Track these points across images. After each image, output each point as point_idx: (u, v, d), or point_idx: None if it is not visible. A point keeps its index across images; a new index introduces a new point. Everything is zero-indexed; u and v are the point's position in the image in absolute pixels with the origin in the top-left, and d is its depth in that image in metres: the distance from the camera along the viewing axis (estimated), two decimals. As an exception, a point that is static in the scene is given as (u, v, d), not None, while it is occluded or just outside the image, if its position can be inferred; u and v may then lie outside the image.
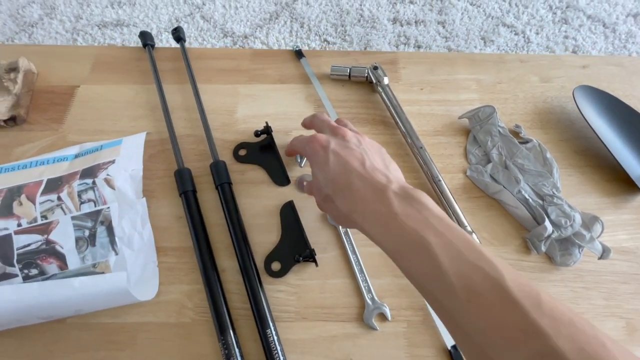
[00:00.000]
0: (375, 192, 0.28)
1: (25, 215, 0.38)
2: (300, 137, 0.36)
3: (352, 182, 0.29)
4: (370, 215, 0.27)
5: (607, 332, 0.35)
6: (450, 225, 0.25)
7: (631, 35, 1.04)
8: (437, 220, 0.25)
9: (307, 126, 0.39)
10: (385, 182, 0.28)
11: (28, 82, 0.48)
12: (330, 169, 0.30)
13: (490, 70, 0.51)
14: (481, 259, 0.23)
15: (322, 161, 0.31)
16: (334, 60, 0.52)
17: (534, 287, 0.21)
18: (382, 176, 0.29)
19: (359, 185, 0.28)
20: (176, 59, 0.52)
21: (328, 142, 0.32)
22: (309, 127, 0.39)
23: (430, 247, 0.24)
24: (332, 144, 0.31)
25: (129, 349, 0.34)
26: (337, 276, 0.38)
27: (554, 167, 0.42)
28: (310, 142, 0.33)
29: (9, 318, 0.32)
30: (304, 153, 0.34)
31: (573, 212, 0.39)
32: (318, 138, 0.32)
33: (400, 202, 0.26)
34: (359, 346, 0.35)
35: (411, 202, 0.26)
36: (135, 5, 1.07)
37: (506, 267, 0.22)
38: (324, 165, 0.31)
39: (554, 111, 0.48)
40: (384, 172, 0.29)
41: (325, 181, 0.31)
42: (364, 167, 0.29)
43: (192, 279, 0.37)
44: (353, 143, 0.32)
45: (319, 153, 0.32)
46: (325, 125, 0.35)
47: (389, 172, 0.30)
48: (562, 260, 0.38)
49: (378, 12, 1.07)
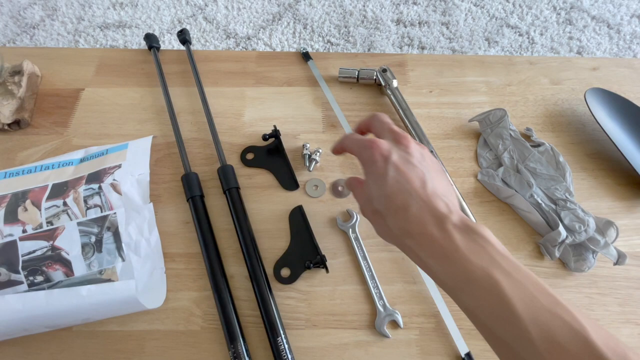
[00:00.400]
0: (434, 219, 0.25)
1: (31, 221, 0.37)
2: (355, 137, 0.31)
3: (410, 204, 0.26)
4: (427, 244, 0.25)
5: (622, 339, 0.35)
6: (517, 265, 0.23)
7: (636, 36, 1.03)
8: (503, 258, 0.23)
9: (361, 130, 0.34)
10: (446, 211, 0.26)
11: (32, 85, 0.47)
12: (387, 184, 0.27)
13: (499, 72, 0.51)
14: (557, 306, 0.21)
15: (380, 173, 0.28)
16: (340, 63, 0.51)
17: (620, 344, 0.20)
18: (443, 203, 0.26)
19: (417, 209, 0.26)
20: (181, 62, 0.51)
21: (390, 153, 0.28)
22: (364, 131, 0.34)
23: (500, 287, 0.22)
24: (393, 155, 0.28)
25: (136, 357, 0.34)
26: (347, 282, 0.37)
27: (566, 170, 0.42)
28: (369, 147, 0.29)
29: (15, 327, 0.31)
30: (359, 157, 0.30)
31: (587, 217, 0.38)
32: (379, 145, 0.29)
33: (463, 236, 0.24)
34: (371, 354, 0.34)
35: (474, 236, 0.24)
36: (138, 7, 1.06)
37: (586, 317, 0.21)
38: (380, 178, 0.28)
39: (565, 114, 0.48)
40: (445, 200, 0.26)
41: (379, 196, 0.28)
42: (425, 189, 0.27)
43: (200, 286, 0.37)
44: (416, 158, 0.28)
45: (378, 163, 0.28)
46: (386, 128, 0.31)
47: (449, 200, 0.27)
48: (576, 266, 0.37)
49: (381, 13, 1.07)
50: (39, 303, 0.30)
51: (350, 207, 0.41)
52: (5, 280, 0.35)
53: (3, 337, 0.32)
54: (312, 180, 0.43)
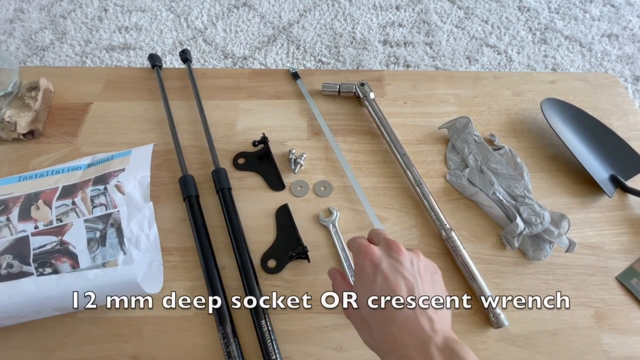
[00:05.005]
0: (417, 341, 0.25)
1: (42, 219, 0.41)
2: (356, 239, 0.32)
3: (395, 317, 0.26)
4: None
5: (577, 320, 0.39)
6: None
7: (606, 54, 1.11)
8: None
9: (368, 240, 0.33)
10: (430, 331, 0.26)
11: (46, 100, 0.52)
12: (375, 293, 0.28)
13: (467, 86, 0.56)
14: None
15: (369, 280, 0.28)
16: (325, 78, 0.57)
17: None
18: (427, 322, 0.26)
19: (402, 325, 0.26)
20: (181, 78, 0.57)
21: (379, 260, 0.29)
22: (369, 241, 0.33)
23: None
24: (383, 263, 0.29)
25: (135, 340, 0.37)
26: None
27: (524, 170, 0.46)
28: (362, 252, 0.30)
29: (28, 309, 0.35)
30: (353, 259, 0.32)
31: (543, 211, 0.42)
32: (370, 251, 0.30)
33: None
34: (348, 335, 0.38)
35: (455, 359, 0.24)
36: (142, 30, 1.14)
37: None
38: (369, 285, 0.28)
39: (525, 121, 0.53)
40: (430, 316, 0.26)
41: (365, 304, 0.28)
42: (412, 301, 0.27)
43: (194, 276, 0.41)
44: (406, 267, 0.29)
45: (367, 269, 0.29)
46: (381, 237, 0.32)
47: (436, 315, 0.27)
48: (534, 255, 0.41)
49: (369, 34, 1.15)
50: (50, 285, 0.34)
51: (331, 204, 0.45)
52: (17, 271, 0.39)
53: (16, 319, 0.36)
54: (297, 181, 0.47)
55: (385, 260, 0.29)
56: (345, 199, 0.46)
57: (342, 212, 0.45)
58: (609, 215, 0.45)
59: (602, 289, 0.40)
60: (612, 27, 1.17)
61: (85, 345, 0.37)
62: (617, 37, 1.15)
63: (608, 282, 0.41)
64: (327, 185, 0.47)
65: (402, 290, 0.27)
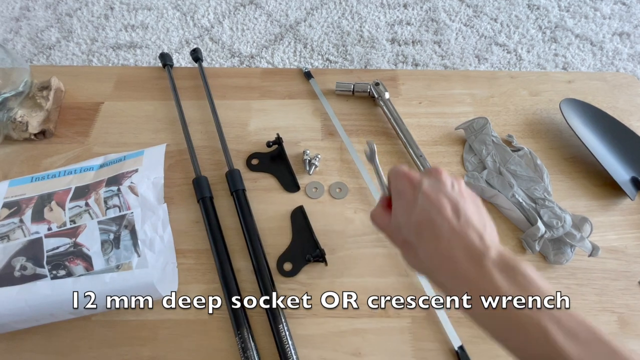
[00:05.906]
0: (469, 256, 0.24)
1: (56, 220, 0.41)
2: (396, 168, 0.30)
3: (441, 234, 0.25)
4: (462, 283, 0.24)
5: (601, 326, 0.38)
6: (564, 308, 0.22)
7: (618, 53, 1.09)
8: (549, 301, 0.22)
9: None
10: (481, 246, 0.24)
11: (57, 99, 0.52)
12: (416, 212, 0.26)
13: (483, 85, 0.55)
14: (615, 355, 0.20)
15: (409, 201, 0.27)
16: (337, 78, 0.56)
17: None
18: (477, 236, 0.24)
19: (449, 241, 0.24)
20: (192, 77, 0.56)
21: (420, 181, 0.27)
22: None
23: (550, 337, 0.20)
24: (424, 184, 0.27)
25: (150, 344, 0.37)
26: (345, 275, 0.40)
27: (544, 172, 0.45)
28: (400, 177, 0.28)
29: (44, 312, 0.34)
30: (392, 188, 0.29)
31: (564, 214, 0.41)
32: (409, 175, 0.28)
33: (502, 277, 0.22)
34: (367, 341, 0.37)
35: (515, 275, 0.22)
36: (148, 29, 1.13)
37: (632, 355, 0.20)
38: (409, 206, 0.27)
39: (543, 122, 0.52)
40: (479, 231, 0.25)
41: (408, 225, 0.26)
42: (458, 218, 0.25)
43: (209, 279, 0.40)
44: (448, 187, 0.27)
45: (407, 191, 0.27)
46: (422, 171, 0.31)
47: (485, 231, 0.25)
48: (555, 259, 0.41)
49: (377, 33, 1.14)
50: (66, 289, 0.33)
51: (347, 206, 0.45)
52: (31, 274, 0.38)
53: (32, 322, 0.36)
54: (312, 183, 0.46)
55: (426, 180, 0.27)
56: (361, 200, 0.45)
57: (358, 214, 0.44)
58: (630, 219, 0.44)
59: (625, 294, 0.39)
60: (623, 26, 1.16)
61: (100, 348, 0.36)
62: (628, 36, 1.14)
63: (631, 287, 0.40)
64: (343, 186, 0.46)
65: (446, 206, 0.25)
